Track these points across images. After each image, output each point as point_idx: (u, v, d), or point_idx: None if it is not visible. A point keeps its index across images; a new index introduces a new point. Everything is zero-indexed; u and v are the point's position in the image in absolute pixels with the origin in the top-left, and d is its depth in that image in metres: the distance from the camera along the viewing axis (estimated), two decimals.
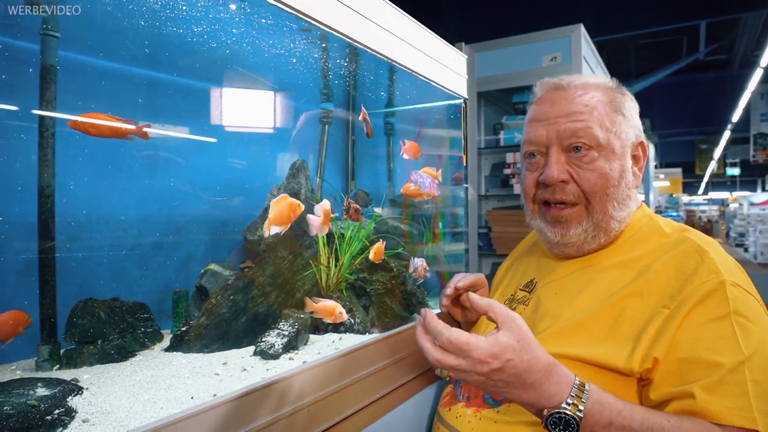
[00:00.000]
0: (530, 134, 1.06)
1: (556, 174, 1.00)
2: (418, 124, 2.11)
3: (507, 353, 0.73)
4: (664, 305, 0.87)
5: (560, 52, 2.75)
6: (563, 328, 0.94)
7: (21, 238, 1.07)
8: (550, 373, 0.76)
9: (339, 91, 1.98)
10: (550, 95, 1.06)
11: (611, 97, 1.04)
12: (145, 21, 1.16)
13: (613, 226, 1.02)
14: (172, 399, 0.87)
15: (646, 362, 0.84)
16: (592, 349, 0.88)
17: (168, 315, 1.31)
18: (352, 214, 1.46)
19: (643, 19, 8.07)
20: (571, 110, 1.01)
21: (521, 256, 1.30)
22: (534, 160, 1.07)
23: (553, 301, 1.03)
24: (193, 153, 1.50)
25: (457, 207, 2.08)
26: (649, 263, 0.95)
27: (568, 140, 1.00)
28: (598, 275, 1.00)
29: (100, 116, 1.07)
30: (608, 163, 0.99)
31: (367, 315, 1.45)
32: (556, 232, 1.04)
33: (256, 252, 1.43)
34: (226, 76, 1.53)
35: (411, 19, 1.45)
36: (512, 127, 3.02)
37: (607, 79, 1.09)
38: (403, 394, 1.28)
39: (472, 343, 0.73)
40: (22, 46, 1.08)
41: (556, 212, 1.03)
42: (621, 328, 0.89)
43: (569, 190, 1.01)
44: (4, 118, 1.07)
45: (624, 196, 1.01)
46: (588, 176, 0.99)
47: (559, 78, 1.08)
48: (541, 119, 1.05)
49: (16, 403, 0.78)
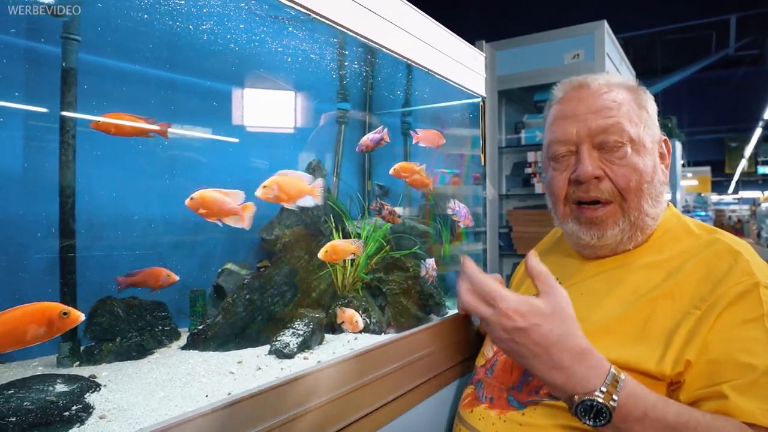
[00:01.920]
0: (557, 133, 1.03)
1: (590, 170, 0.97)
2: (436, 122, 2.09)
3: (534, 316, 0.72)
4: (695, 306, 0.84)
5: (583, 49, 2.70)
6: (591, 331, 0.91)
7: (43, 237, 1.10)
8: (583, 356, 0.74)
9: (355, 91, 1.98)
10: (574, 93, 1.04)
11: (635, 94, 1.03)
12: (162, 22, 1.17)
13: (649, 224, 0.99)
14: (187, 397, 0.88)
15: (678, 365, 0.82)
16: (622, 352, 0.86)
17: (186, 314, 1.33)
18: (387, 216, 1.45)
19: (670, 15, 7.89)
20: (600, 106, 0.99)
21: (542, 255, 1.27)
22: (563, 160, 1.04)
23: (580, 303, 0.98)
24: (211, 153, 1.51)
25: (477, 207, 2.06)
26: (679, 264, 0.92)
27: (599, 137, 0.98)
28: (626, 277, 0.98)
29: (122, 116, 1.09)
30: (641, 158, 0.97)
31: (383, 315, 1.44)
32: (592, 234, 1.01)
33: (273, 251, 1.44)
34: (244, 77, 1.54)
35: (427, 18, 1.44)
36: (533, 125, 2.98)
37: (627, 78, 1.07)
38: (420, 395, 1.27)
39: (503, 294, 0.73)
40: (44, 49, 1.10)
41: (591, 213, 1.00)
42: (651, 330, 0.87)
43: (603, 188, 0.98)
44: (28, 120, 1.09)
45: (657, 193, 0.99)
46: (623, 172, 0.97)
47: (582, 76, 1.06)
48: (568, 116, 1.02)
49: (36, 398, 0.79)
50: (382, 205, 1.44)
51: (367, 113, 2.10)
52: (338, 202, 1.58)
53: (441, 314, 1.55)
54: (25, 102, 1.10)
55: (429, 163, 2.15)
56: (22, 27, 1.06)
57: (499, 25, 6.56)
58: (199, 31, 1.23)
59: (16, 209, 1.10)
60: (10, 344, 0.72)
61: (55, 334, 0.76)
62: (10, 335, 0.71)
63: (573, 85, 1.06)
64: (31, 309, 0.74)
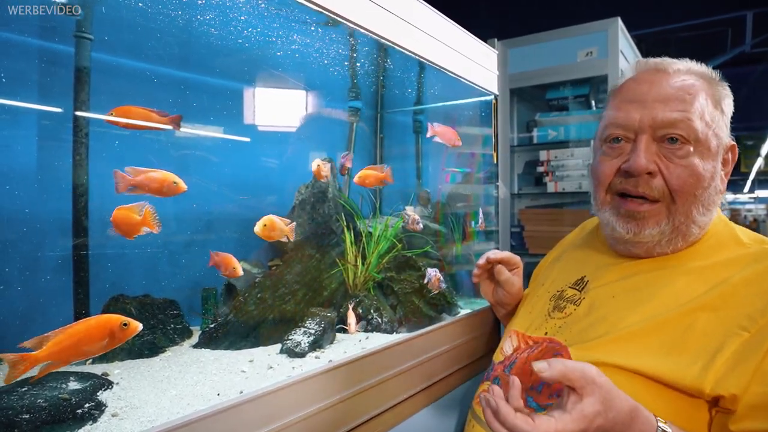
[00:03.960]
0: (619, 116, 0.94)
1: (644, 163, 0.89)
2: (447, 121, 2.08)
3: (596, 420, 0.67)
4: (743, 326, 0.78)
5: (596, 46, 2.67)
6: (622, 336, 0.86)
7: (56, 236, 1.11)
8: (633, 420, 0.70)
9: (367, 89, 1.97)
10: (648, 76, 0.95)
11: (713, 89, 0.94)
12: (173, 21, 1.17)
13: (693, 231, 0.91)
14: (198, 395, 0.88)
15: (720, 388, 0.75)
16: (655, 362, 0.80)
17: (198, 312, 1.33)
18: (409, 225, 1.47)
19: (685, 12, 7.78)
20: (672, 96, 0.90)
21: (571, 248, 1.21)
22: (617, 145, 0.95)
23: (611, 305, 0.93)
24: (222, 151, 1.52)
25: (488, 206, 2.04)
26: (726, 276, 0.85)
27: (663, 130, 0.89)
28: (664, 282, 0.91)
29: (134, 109, 1.09)
30: (702, 161, 0.89)
31: (395, 314, 1.43)
32: (629, 228, 0.93)
33: (284, 250, 1.44)
34: (255, 75, 1.54)
35: (438, 14, 1.43)
36: (546, 124, 2.95)
37: (710, 68, 0.98)
38: (432, 394, 1.26)
39: (560, 425, 0.66)
40: (58, 49, 1.11)
41: (634, 206, 0.92)
42: (689, 343, 0.80)
43: (654, 185, 0.90)
44: (41, 119, 1.10)
45: (711, 201, 0.91)
46: (679, 172, 0.88)
47: (661, 59, 0.99)
48: (635, 100, 0.93)
49: (49, 396, 0.80)
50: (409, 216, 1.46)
51: (378, 111, 2.09)
52: (349, 201, 1.57)
53: (453, 313, 1.54)
54: (39, 101, 1.10)
55: (439, 161, 2.15)
56: (35, 26, 1.06)
57: (511, 22, 6.52)
58: (211, 29, 1.24)
59: (29, 207, 1.11)
60: (76, 356, 0.74)
61: (115, 345, 0.78)
62: (77, 348, 0.73)
63: (649, 66, 0.98)
64: (95, 322, 0.76)
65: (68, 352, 0.72)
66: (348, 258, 1.46)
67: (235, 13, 1.20)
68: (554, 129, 2.91)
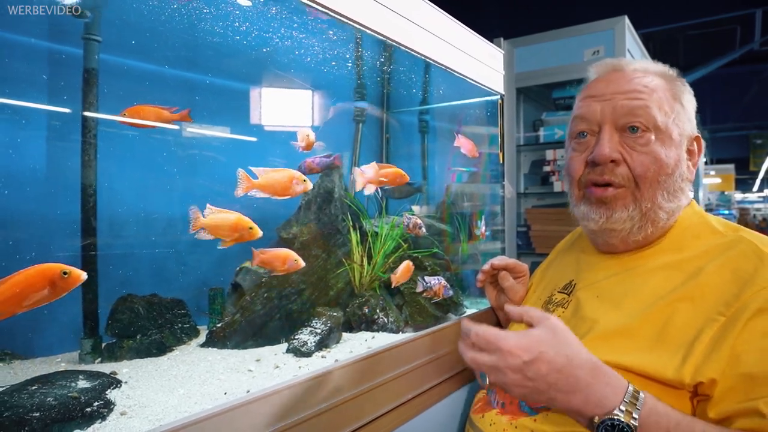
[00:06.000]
0: (582, 110, 1.00)
1: (607, 151, 0.94)
2: (453, 121, 2.08)
3: (539, 345, 0.71)
4: (719, 312, 0.80)
5: (603, 45, 2.66)
6: (605, 334, 0.88)
7: (65, 236, 1.12)
8: (595, 372, 0.72)
9: (373, 89, 1.97)
10: (608, 75, 1.01)
11: (671, 84, 0.99)
12: (179, 23, 1.18)
13: (662, 217, 0.95)
14: (206, 394, 0.88)
15: (699, 375, 0.77)
16: (638, 357, 0.82)
17: (205, 311, 1.34)
18: (409, 229, 1.47)
19: (693, 10, 7.72)
20: (630, 89, 0.95)
21: (560, 253, 1.25)
22: (583, 140, 1.01)
23: (595, 304, 0.97)
24: (229, 151, 1.52)
25: (495, 205, 2.04)
26: (701, 265, 0.87)
27: (624, 119, 0.94)
28: (644, 277, 0.93)
29: (145, 108, 1.10)
30: (664, 148, 0.93)
31: (401, 314, 1.44)
32: (601, 213, 0.97)
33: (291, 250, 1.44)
34: (261, 75, 1.54)
35: (444, 14, 1.43)
36: (552, 123, 2.94)
37: (668, 67, 1.03)
38: (436, 395, 1.26)
39: (500, 335, 0.71)
40: (67, 51, 1.12)
41: (600, 192, 0.96)
42: (669, 336, 0.82)
43: (619, 172, 0.95)
44: (51, 120, 1.11)
45: (676, 188, 0.95)
46: (642, 159, 0.93)
47: (619, 59, 1.03)
48: (596, 95, 0.99)
49: (59, 394, 0.80)
50: (409, 220, 1.46)
51: (384, 111, 2.09)
52: (355, 201, 1.57)
53: (459, 314, 1.54)
54: (49, 102, 1.11)
55: (445, 161, 2.15)
56: (44, 28, 1.07)
57: (517, 21, 6.49)
58: (217, 30, 1.24)
59: (39, 208, 1.12)
60: (19, 307, 0.74)
61: (59, 295, 0.77)
62: (16, 298, 0.73)
63: (607, 66, 1.03)
64: (32, 272, 0.74)
65: (10, 302, 0.72)
66: (354, 258, 1.46)
67: (241, 14, 1.21)
68: (561, 128, 2.90)
